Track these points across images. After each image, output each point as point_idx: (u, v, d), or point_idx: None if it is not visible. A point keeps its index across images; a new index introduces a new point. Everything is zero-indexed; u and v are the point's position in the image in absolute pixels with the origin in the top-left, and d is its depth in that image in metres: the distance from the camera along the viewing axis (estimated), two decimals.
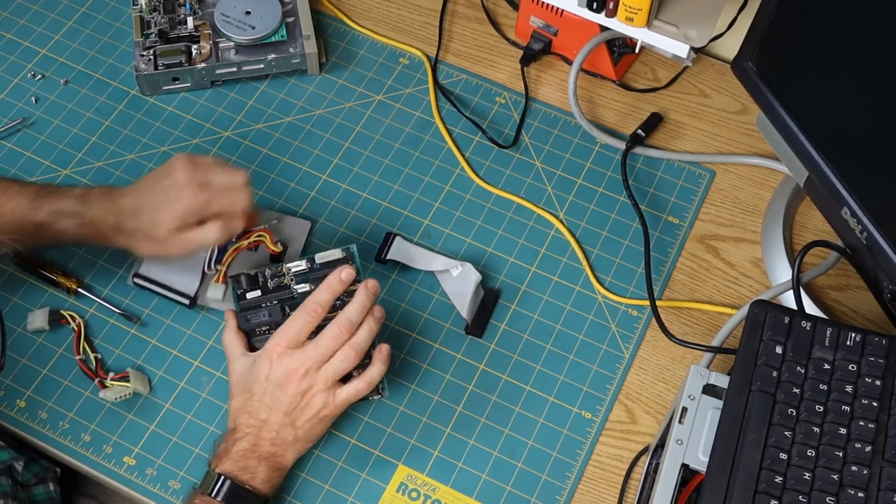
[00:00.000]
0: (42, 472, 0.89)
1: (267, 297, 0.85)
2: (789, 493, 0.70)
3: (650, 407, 0.90)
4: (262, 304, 0.85)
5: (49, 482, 0.90)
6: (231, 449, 0.79)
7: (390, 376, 0.90)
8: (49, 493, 0.89)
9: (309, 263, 0.86)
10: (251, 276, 0.85)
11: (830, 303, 0.95)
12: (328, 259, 0.86)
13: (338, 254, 0.86)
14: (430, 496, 0.86)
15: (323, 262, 0.86)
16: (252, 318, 0.84)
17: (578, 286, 0.96)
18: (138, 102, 1.05)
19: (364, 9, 1.13)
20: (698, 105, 1.07)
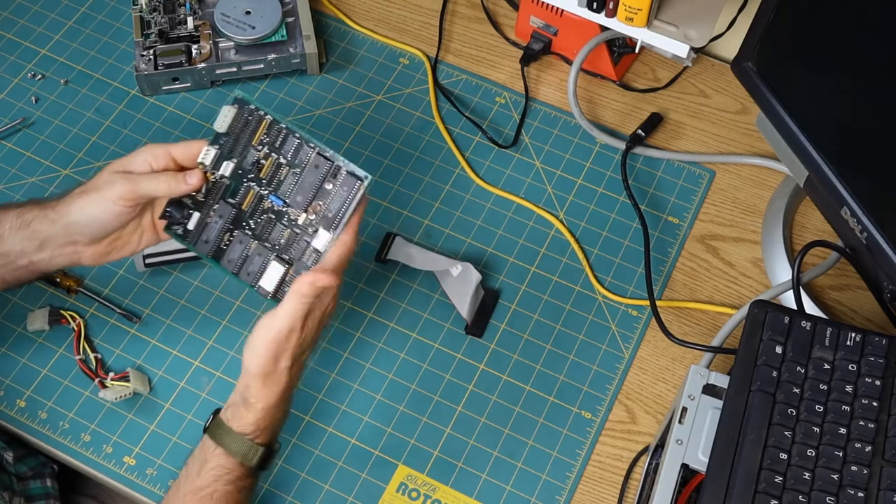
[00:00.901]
0: (39, 466, 0.89)
1: (207, 208, 0.78)
2: (789, 493, 0.70)
3: (650, 407, 0.90)
4: (207, 219, 0.78)
5: (46, 478, 0.90)
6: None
7: (390, 377, 0.91)
8: (45, 488, 0.89)
9: (213, 144, 0.77)
10: (178, 202, 0.77)
11: (830, 303, 0.95)
12: (225, 121, 0.76)
13: (228, 111, 0.76)
14: (430, 496, 0.86)
15: (223, 131, 0.77)
16: (210, 236, 0.78)
17: (578, 286, 0.96)
18: (138, 102, 1.05)
19: (364, 9, 1.13)
20: (698, 105, 1.07)
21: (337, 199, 0.74)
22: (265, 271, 0.77)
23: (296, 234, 0.76)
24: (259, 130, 0.76)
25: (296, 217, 0.76)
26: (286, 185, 0.76)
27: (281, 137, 0.76)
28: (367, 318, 0.94)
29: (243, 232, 0.77)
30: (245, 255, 0.77)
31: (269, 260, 0.77)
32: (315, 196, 0.75)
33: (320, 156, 0.74)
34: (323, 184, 0.75)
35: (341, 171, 0.74)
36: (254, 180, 0.76)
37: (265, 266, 0.77)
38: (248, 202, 0.77)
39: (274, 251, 0.77)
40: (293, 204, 0.76)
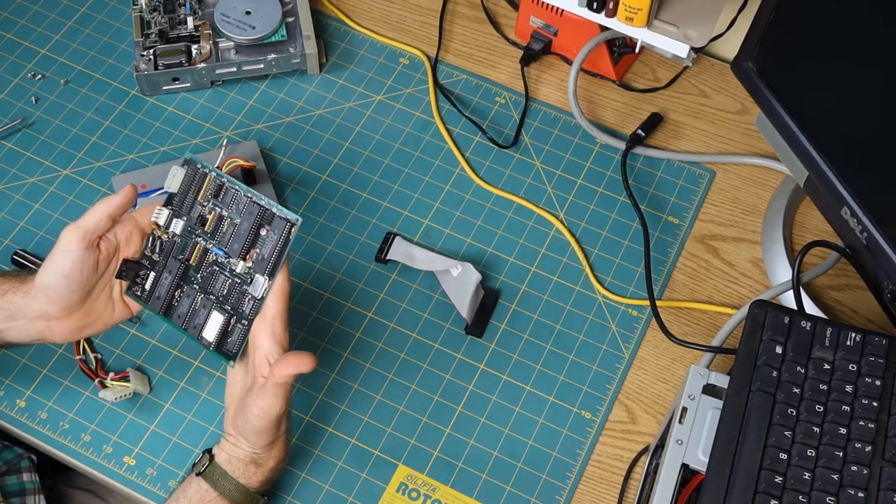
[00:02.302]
0: (15, 459, 0.89)
1: (160, 266, 0.78)
2: (789, 493, 0.70)
3: (650, 407, 0.90)
4: (160, 276, 0.78)
5: (23, 472, 0.89)
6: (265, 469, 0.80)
7: (390, 377, 0.91)
8: (21, 483, 0.89)
9: (167, 204, 0.78)
10: (135, 262, 0.79)
11: (830, 303, 0.95)
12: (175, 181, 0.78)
13: (177, 171, 0.78)
14: (430, 496, 0.86)
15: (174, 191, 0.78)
16: (161, 292, 0.78)
17: (578, 286, 0.96)
18: (138, 102, 1.05)
19: (364, 9, 1.13)
20: (698, 105, 1.07)
21: (270, 244, 0.74)
22: (207, 322, 0.77)
23: (236, 283, 0.76)
24: (204, 186, 0.77)
25: (235, 266, 0.76)
26: (226, 235, 0.76)
27: (223, 191, 0.76)
28: (367, 318, 0.94)
29: (191, 286, 0.78)
30: (192, 309, 0.78)
31: (211, 311, 0.77)
32: (251, 243, 0.75)
33: (255, 203, 0.75)
34: (259, 230, 0.75)
35: (275, 215, 0.74)
36: (200, 235, 0.77)
37: (208, 317, 0.77)
38: (195, 256, 0.77)
39: (217, 302, 0.77)
40: (231, 253, 0.76)
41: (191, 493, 0.77)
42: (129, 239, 0.79)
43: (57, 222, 0.98)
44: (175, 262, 0.78)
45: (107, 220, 0.76)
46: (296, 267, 0.96)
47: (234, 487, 0.77)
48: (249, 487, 0.77)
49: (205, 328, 0.77)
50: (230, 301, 0.76)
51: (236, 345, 0.76)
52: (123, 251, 0.79)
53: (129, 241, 0.79)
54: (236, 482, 0.77)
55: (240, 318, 0.76)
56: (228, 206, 0.76)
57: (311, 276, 0.96)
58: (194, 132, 1.04)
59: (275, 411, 0.73)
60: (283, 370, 0.72)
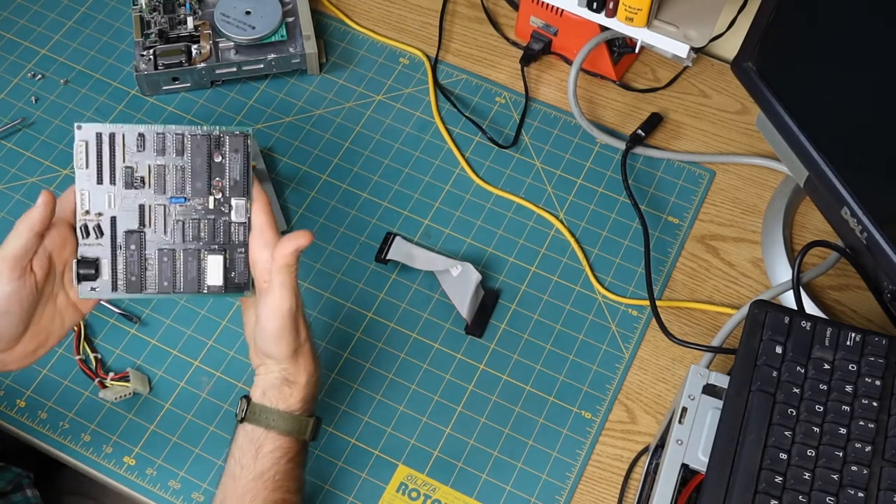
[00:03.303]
0: (16, 478, 0.89)
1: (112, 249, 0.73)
2: (789, 493, 0.70)
3: (650, 407, 0.90)
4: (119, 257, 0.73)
5: (25, 489, 0.89)
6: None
7: (390, 377, 0.91)
8: (27, 499, 0.89)
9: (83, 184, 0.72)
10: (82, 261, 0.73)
11: (830, 303, 0.95)
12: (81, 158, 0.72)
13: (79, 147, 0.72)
14: (430, 496, 0.86)
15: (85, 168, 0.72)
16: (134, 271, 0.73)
17: (578, 286, 0.96)
18: (138, 102, 1.05)
19: (364, 9, 1.13)
20: (698, 105, 1.07)
21: (234, 165, 0.72)
22: (205, 270, 0.74)
23: (212, 220, 0.73)
24: (122, 147, 0.72)
25: (204, 204, 0.73)
26: (178, 181, 0.73)
27: (147, 142, 0.72)
28: (367, 318, 0.94)
29: (160, 249, 0.74)
30: (176, 269, 0.74)
31: (202, 258, 0.74)
32: (210, 175, 0.72)
33: (195, 136, 0.72)
34: (211, 160, 0.72)
35: (222, 137, 0.72)
36: (144, 195, 0.73)
37: (202, 266, 0.74)
38: (150, 219, 0.73)
39: (202, 248, 0.74)
40: (195, 194, 0.73)
41: (241, 440, 0.76)
42: (65, 242, 0.72)
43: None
44: (130, 236, 0.73)
45: (34, 238, 0.70)
46: None
47: (277, 416, 0.75)
48: (292, 411, 0.75)
49: (206, 277, 0.74)
50: (217, 238, 0.74)
51: (244, 275, 0.75)
52: (60, 257, 0.72)
53: (64, 245, 0.72)
54: (277, 411, 0.75)
55: (235, 249, 0.74)
56: (161, 153, 0.72)
57: (311, 276, 0.96)
58: None
59: (285, 304, 0.71)
60: (283, 250, 0.70)
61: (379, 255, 0.96)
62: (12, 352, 0.73)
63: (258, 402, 0.76)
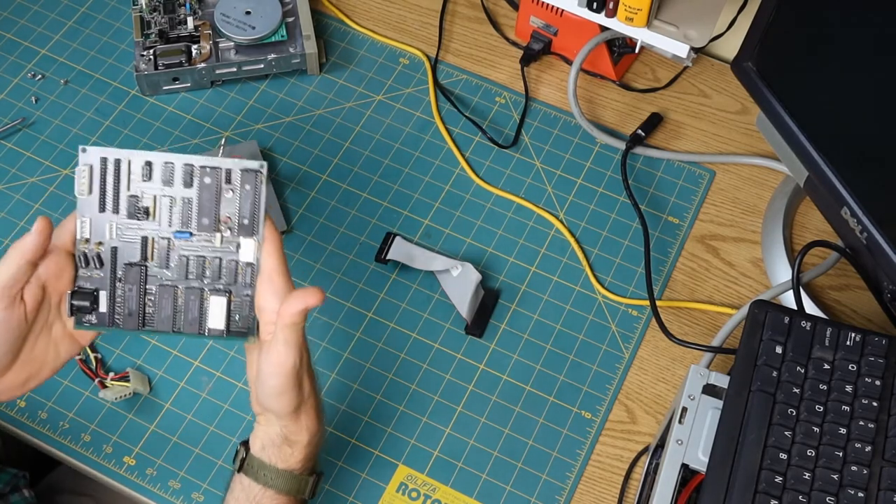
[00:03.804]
0: (12, 479, 0.89)
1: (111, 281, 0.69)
2: (789, 493, 0.70)
3: (650, 407, 0.90)
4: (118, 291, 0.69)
5: (23, 489, 0.89)
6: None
7: (390, 377, 0.91)
8: (25, 499, 0.89)
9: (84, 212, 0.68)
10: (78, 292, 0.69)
11: (830, 303, 0.95)
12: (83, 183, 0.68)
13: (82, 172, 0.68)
14: (430, 496, 0.86)
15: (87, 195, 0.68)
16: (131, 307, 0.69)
17: (578, 286, 0.96)
18: (138, 102, 1.05)
19: (364, 9, 1.13)
20: (698, 105, 1.07)
21: (245, 202, 0.67)
22: (207, 311, 0.69)
23: (218, 258, 0.69)
24: (127, 174, 0.68)
25: (210, 241, 0.68)
26: (184, 214, 0.68)
27: (155, 171, 0.68)
28: (367, 318, 0.94)
29: (162, 285, 0.69)
30: (177, 307, 0.69)
31: (205, 298, 0.69)
32: (218, 210, 0.68)
33: (205, 168, 0.67)
34: (221, 194, 0.68)
35: (233, 171, 0.67)
36: (147, 227, 0.68)
37: (204, 306, 0.69)
38: (152, 253, 0.69)
39: (205, 287, 0.69)
40: (201, 230, 0.68)
41: (237, 492, 0.73)
42: (61, 271, 0.68)
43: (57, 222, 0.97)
44: (130, 269, 0.69)
45: (25, 267, 0.66)
46: (296, 267, 0.96)
47: (276, 475, 0.71)
48: (291, 470, 0.72)
49: (207, 319, 0.70)
50: (222, 278, 0.69)
51: (248, 319, 0.70)
52: (56, 287, 0.68)
53: (60, 274, 0.68)
54: (276, 469, 0.71)
55: (241, 291, 0.69)
56: (168, 183, 0.67)
57: (312, 275, 0.96)
58: (194, 132, 1.04)
59: (289, 363, 0.67)
60: (289, 308, 0.66)
61: (379, 255, 0.96)
62: (0, 381, 0.69)
63: (257, 455, 0.72)
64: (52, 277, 0.68)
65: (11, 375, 0.68)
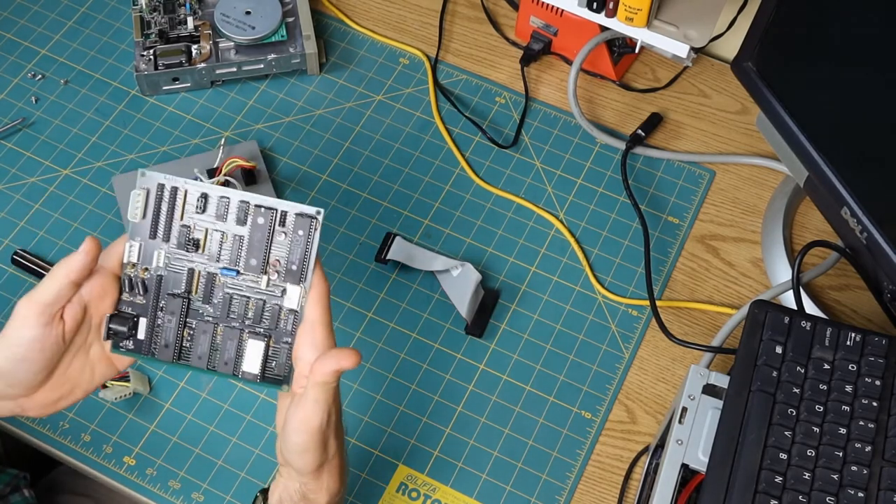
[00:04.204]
0: (13, 480, 0.89)
1: (152, 309, 0.67)
2: (789, 493, 0.70)
3: (650, 407, 0.90)
4: (157, 321, 0.67)
5: (23, 489, 0.89)
6: None
7: (390, 377, 0.91)
8: (25, 499, 0.89)
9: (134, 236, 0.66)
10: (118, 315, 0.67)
11: (830, 303, 0.95)
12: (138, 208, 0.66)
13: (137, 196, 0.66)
14: (430, 496, 0.86)
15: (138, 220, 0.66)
16: (168, 338, 0.67)
17: (578, 286, 0.96)
18: (138, 102, 1.05)
19: (364, 9, 1.13)
20: (698, 105, 1.07)
21: (296, 247, 0.66)
22: (243, 354, 0.67)
23: (262, 301, 0.66)
24: (181, 203, 0.66)
25: (256, 283, 0.66)
26: (233, 252, 0.66)
27: (210, 204, 0.66)
28: (367, 318, 0.94)
29: (202, 320, 0.67)
30: (214, 345, 0.67)
31: (243, 340, 0.67)
32: (268, 252, 0.66)
33: (260, 208, 0.65)
34: (273, 236, 0.66)
35: (289, 214, 0.65)
36: (195, 260, 0.67)
37: (242, 348, 0.67)
38: (196, 286, 0.67)
39: (245, 328, 0.67)
40: (248, 270, 0.66)
41: None
42: (104, 292, 0.66)
43: (57, 222, 0.98)
44: (173, 300, 0.67)
45: (68, 287, 0.64)
46: None
47: None
48: None
49: (243, 361, 0.67)
50: (263, 322, 0.67)
51: (284, 367, 0.67)
52: (98, 308, 0.66)
53: (104, 296, 0.66)
54: None
55: (280, 338, 0.67)
56: (222, 218, 0.66)
57: None
58: (194, 132, 1.04)
59: (315, 421, 0.64)
60: (322, 367, 0.63)
61: (379, 255, 0.96)
62: (31, 399, 0.67)
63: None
64: (96, 298, 0.66)
65: (44, 393, 0.67)
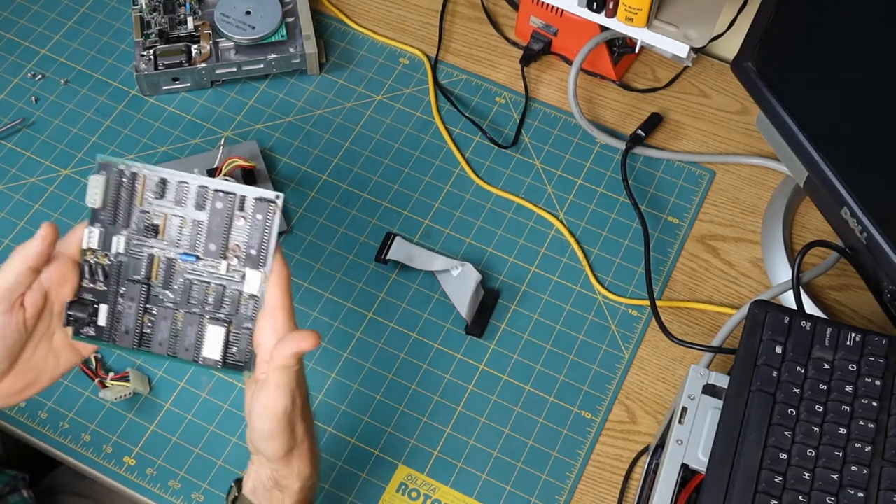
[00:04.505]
0: (12, 480, 0.88)
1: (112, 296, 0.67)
2: (789, 493, 0.70)
3: (650, 407, 0.90)
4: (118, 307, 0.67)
5: (22, 489, 0.89)
6: None
7: (390, 377, 0.91)
8: (24, 499, 0.88)
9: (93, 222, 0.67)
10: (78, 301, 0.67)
11: (830, 303, 0.95)
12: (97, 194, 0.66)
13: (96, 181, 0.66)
14: (430, 496, 0.86)
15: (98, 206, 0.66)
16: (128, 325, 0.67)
17: (578, 286, 0.96)
18: (138, 102, 1.05)
19: (364, 9, 1.13)
20: (698, 105, 1.07)
21: (255, 232, 0.65)
22: (203, 340, 0.67)
23: (222, 287, 0.66)
24: (140, 189, 0.66)
25: (216, 268, 0.66)
26: (193, 237, 0.66)
27: (168, 189, 0.66)
28: (367, 318, 0.94)
29: (163, 306, 0.67)
30: (175, 331, 0.67)
31: (203, 326, 0.67)
32: (228, 237, 0.66)
33: (219, 192, 0.65)
34: (232, 221, 0.65)
35: (248, 199, 0.65)
36: (155, 246, 0.67)
37: (202, 334, 0.67)
38: (156, 272, 0.67)
39: (206, 314, 0.67)
40: (208, 255, 0.66)
41: None
42: (64, 279, 0.66)
43: (57, 222, 0.97)
44: (133, 286, 0.67)
45: (27, 273, 0.64)
46: (296, 267, 0.96)
47: None
48: None
49: (203, 347, 0.67)
50: (223, 307, 0.67)
51: (246, 353, 0.67)
52: (58, 295, 0.67)
53: (63, 282, 0.66)
54: None
55: (241, 323, 0.67)
56: (181, 203, 0.66)
57: (311, 276, 0.96)
58: (194, 132, 1.04)
59: (279, 406, 0.64)
60: (282, 351, 0.63)
61: (379, 255, 0.96)
62: None
63: (248, 496, 0.70)
64: (56, 285, 0.66)
65: (9, 382, 0.67)
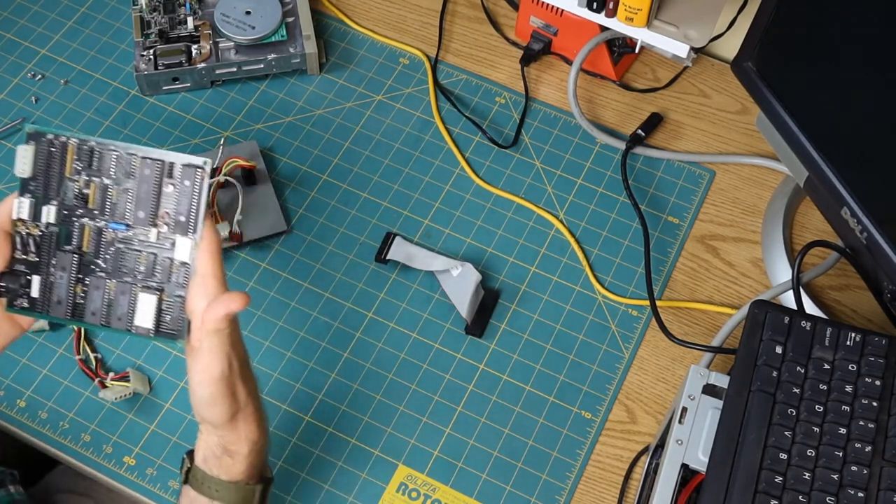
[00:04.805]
0: (0, 477, 0.89)
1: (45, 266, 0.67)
2: (789, 493, 0.70)
3: (650, 407, 0.90)
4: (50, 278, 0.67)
5: (8, 485, 0.88)
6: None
7: (390, 377, 0.91)
8: (10, 495, 0.88)
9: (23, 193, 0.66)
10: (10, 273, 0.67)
11: (830, 303, 0.95)
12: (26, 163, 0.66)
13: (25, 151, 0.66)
14: (430, 496, 0.86)
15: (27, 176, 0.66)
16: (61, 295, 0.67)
17: (578, 286, 0.96)
18: (138, 102, 1.05)
19: (364, 9, 1.13)
20: (698, 105, 1.07)
21: (184, 198, 0.65)
22: (136, 308, 0.67)
23: (153, 255, 0.66)
24: (68, 158, 0.66)
25: (146, 236, 0.66)
26: (121, 205, 0.66)
27: (96, 157, 0.66)
28: (367, 318, 0.94)
29: (95, 276, 0.67)
30: (108, 300, 0.67)
31: (135, 294, 0.66)
32: (157, 205, 0.65)
33: (146, 159, 0.65)
34: (161, 188, 0.65)
35: (176, 165, 0.65)
36: (85, 215, 0.66)
37: (134, 302, 0.67)
38: (87, 241, 0.67)
39: (137, 283, 0.66)
40: (137, 223, 0.66)
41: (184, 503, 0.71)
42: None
43: None
44: (65, 255, 0.66)
45: None
46: (296, 267, 0.96)
47: (220, 486, 0.69)
48: (236, 481, 0.70)
49: (135, 316, 0.67)
50: (155, 276, 0.66)
51: (178, 321, 0.66)
52: None
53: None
54: (219, 480, 0.69)
55: (172, 291, 0.66)
56: (109, 172, 0.66)
57: (311, 276, 0.96)
58: (194, 132, 1.04)
59: (216, 370, 0.64)
60: (212, 314, 0.63)
61: (379, 255, 0.96)
62: None
63: (200, 466, 0.70)
64: None
65: None
